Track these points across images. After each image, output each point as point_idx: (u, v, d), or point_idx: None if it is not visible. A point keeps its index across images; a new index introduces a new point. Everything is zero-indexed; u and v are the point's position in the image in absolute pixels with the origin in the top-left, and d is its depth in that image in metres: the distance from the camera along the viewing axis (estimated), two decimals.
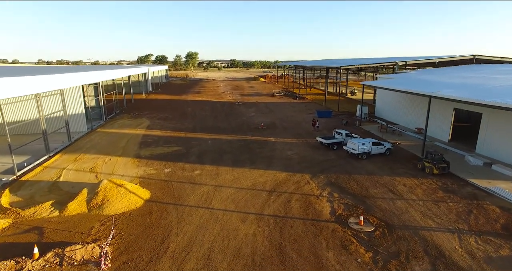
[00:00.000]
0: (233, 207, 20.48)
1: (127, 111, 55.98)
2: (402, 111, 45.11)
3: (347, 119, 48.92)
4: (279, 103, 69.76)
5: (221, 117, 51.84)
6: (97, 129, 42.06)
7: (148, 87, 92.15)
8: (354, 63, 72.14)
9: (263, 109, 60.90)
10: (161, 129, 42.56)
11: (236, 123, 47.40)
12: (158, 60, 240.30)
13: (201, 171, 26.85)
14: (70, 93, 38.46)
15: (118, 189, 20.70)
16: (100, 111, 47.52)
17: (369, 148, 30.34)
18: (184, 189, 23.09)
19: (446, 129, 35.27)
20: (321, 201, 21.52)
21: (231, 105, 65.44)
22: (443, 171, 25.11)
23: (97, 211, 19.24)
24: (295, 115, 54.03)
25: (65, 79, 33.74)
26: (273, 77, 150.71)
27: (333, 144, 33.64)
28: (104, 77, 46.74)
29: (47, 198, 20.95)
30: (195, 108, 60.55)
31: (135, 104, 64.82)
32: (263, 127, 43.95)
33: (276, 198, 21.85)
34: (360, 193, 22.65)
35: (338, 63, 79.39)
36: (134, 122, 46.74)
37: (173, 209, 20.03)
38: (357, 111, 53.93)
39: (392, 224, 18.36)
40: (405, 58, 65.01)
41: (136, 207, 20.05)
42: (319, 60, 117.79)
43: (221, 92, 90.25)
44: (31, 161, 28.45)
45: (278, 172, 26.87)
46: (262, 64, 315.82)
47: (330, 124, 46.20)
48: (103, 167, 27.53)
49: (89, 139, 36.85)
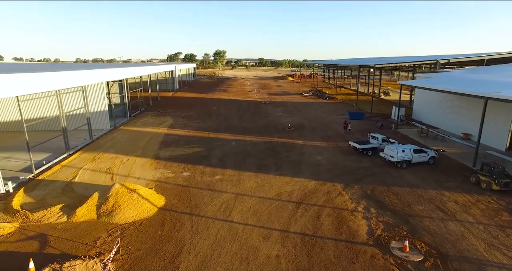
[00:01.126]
0: (255, 220, 18.12)
1: (151, 109, 55.31)
2: (445, 114, 40.63)
3: (382, 122, 45.01)
4: (308, 103, 66.57)
5: (246, 117, 49.70)
6: (120, 127, 41.31)
7: (175, 85, 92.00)
8: (389, 61, 67.23)
9: (291, 109, 58.08)
10: (183, 128, 41.08)
11: (262, 123, 45.05)
12: (187, 58, 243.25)
13: (222, 176, 24.73)
14: (93, 90, 37.86)
15: (131, 195, 19.00)
16: (124, 108, 46.95)
17: (409, 156, 26.83)
18: (202, 196, 21.04)
19: (503, 136, 30.74)
20: (356, 217, 18.64)
21: (258, 105, 63.18)
22: (506, 187, 21.11)
23: (107, 218, 17.61)
24: (324, 116, 50.77)
25: (87, 76, 32.95)
26: (302, 77, 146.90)
27: (368, 150, 30.37)
28: (128, 75, 46.05)
29: (58, 201, 19.70)
30: (220, 107, 58.88)
31: (161, 102, 64.27)
32: (291, 129, 41.26)
33: (304, 211, 19.24)
34: (401, 210, 19.48)
35: (371, 62, 74.75)
36: (158, 121, 45.68)
37: (188, 220, 18.00)
38: (393, 113, 49.76)
39: (446, 253, 15.15)
40: (447, 56, 59.43)
41: (148, 216, 18.24)
42: (350, 58, 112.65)
43: (248, 91, 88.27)
44: (51, 158, 27.71)
45: (307, 179, 24.18)
46: (290, 63, 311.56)
47: (362, 127, 42.65)
48: (120, 167, 26.17)
49: (110, 137, 35.98)
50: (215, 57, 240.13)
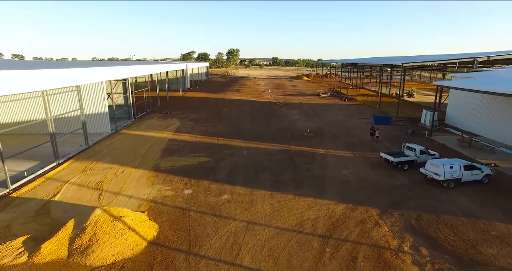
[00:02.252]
0: (270, 263, 13.84)
1: (159, 110, 51.74)
2: (492, 119, 35.24)
3: (412, 127, 39.82)
4: (326, 105, 61.76)
5: (260, 120, 45.44)
6: (122, 130, 37.75)
7: (186, 84, 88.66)
8: (416, 60, 61.24)
9: (308, 111, 53.47)
10: (191, 132, 37.15)
11: (277, 127, 40.70)
12: (200, 57, 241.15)
13: (231, 195, 20.54)
14: (92, 90, 34.36)
15: (114, 224, 15.03)
16: (129, 110, 43.47)
17: (459, 173, 21.97)
18: (205, 224, 16.91)
19: None
20: (404, 262, 14.10)
21: (272, 106, 58.82)
22: None
23: (79, 258, 13.67)
24: (345, 120, 45.97)
25: (82, 74, 29.35)
26: (317, 76, 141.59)
27: (404, 163, 25.64)
28: (130, 74, 42.49)
29: (26, 229, 15.93)
30: (231, 109, 54.81)
31: (169, 103, 60.76)
32: (309, 135, 36.74)
33: (334, 250, 14.83)
34: (464, 252, 14.81)
35: (395, 60, 69.15)
36: (163, 123, 41.96)
37: (183, 261, 13.88)
38: (423, 117, 44.51)
39: None
40: (486, 54, 53.29)
41: (133, 254, 14.21)
42: (371, 58, 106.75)
43: (262, 91, 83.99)
44: (36, 169, 24.16)
45: (333, 202, 19.74)
46: (304, 63, 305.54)
47: (390, 134, 37.73)
48: (111, 182, 22.33)
49: (109, 142, 32.36)
50: (228, 56, 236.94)
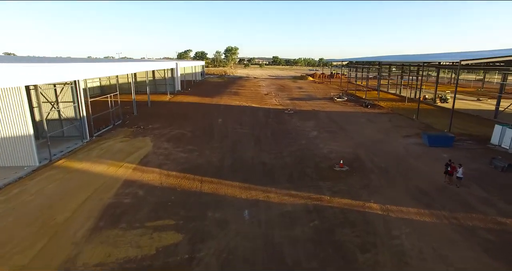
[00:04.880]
0: None
1: (131, 123, 38.88)
2: None
3: (504, 159, 25.74)
4: (347, 113, 49.04)
5: (266, 140, 32.65)
6: (59, 160, 24.94)
7: (176, 86, 75.76)
8: (475, 56, 44.73)
9: (328, 124, 40.74)
10: (162, 166, 24.32)
11: (291, 153, 27.95)
12: (197, 56, 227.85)
13: None
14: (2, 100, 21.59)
15: None
16: (81, 125, 30.64)
17: None
18: None
19: None
20: None
21: (280, 115, 46.05)
22: None
23: None
24: (386, 141, 33.08)
25: None
26: (323, 76, 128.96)
27: None
28: (84, 75, 29.59)
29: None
30: (228, 120, 41.99)
31: (150, 110, 47.92)
32: (344, 168, 24.07)
33: None
34: None
35: (438, 58, 56.52)
36: (128, 147, 29.14)
37: None
38: (494, 135, 31.88)
39: None
40: None
41: None
42: (394, 55, 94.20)
43: (264, 94, 71.19)
44: None
45: None
46: (306, 62, 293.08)
47: (466, 167, 24.37)
48: None
49: (17, 191, 19.40)
50: (226, 55, 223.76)
